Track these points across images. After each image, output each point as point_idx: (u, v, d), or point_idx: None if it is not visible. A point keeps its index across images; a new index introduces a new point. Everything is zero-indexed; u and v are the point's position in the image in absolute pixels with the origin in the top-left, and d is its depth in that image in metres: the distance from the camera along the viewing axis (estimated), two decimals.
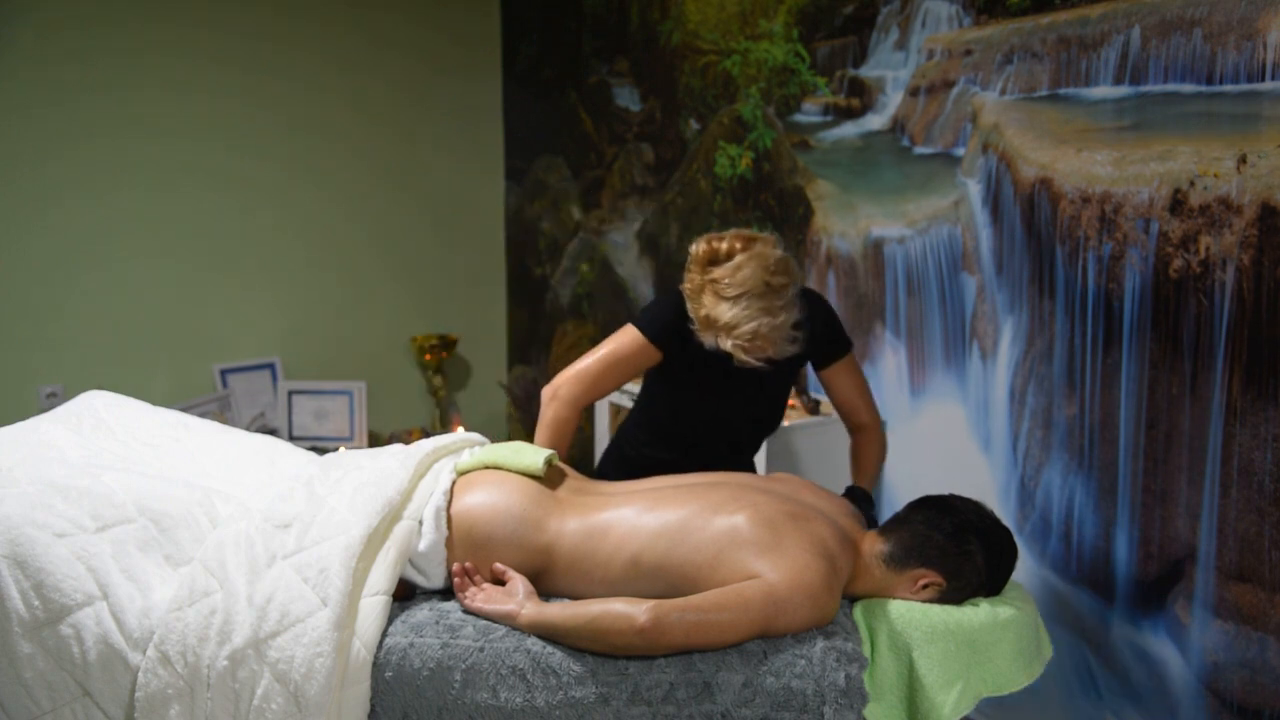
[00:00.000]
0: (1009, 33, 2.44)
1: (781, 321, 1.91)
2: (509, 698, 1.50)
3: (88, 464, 1.68)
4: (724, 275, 1.91)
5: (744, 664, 1.50)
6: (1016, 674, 1.61)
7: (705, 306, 1.93)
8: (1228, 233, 2.04)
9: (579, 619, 1.52)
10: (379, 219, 4.36)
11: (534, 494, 1.74)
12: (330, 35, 4.14)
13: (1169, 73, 2.12)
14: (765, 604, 1.52)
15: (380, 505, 1.64)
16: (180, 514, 1.63)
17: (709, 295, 1.93)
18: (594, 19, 3.94)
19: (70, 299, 3.75)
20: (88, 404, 1.90)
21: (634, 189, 3.82)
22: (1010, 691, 1.63)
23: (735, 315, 1.88)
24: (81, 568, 1.52)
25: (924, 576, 1.64)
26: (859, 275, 2.92)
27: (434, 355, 4.39)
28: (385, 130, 4.32)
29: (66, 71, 3.63)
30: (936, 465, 2.70)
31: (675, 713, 1.47)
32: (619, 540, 1.65)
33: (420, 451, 1.81)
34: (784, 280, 1.94)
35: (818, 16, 2.97)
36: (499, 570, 1.68)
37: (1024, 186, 2.43)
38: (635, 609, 1.48)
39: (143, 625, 1.51)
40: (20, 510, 1.55)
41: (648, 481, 1.85)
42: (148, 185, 3.84)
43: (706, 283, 1.93)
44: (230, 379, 4.07)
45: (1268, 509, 2.00)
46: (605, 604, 1.52)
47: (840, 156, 2.94)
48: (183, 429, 1.92)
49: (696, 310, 1.95)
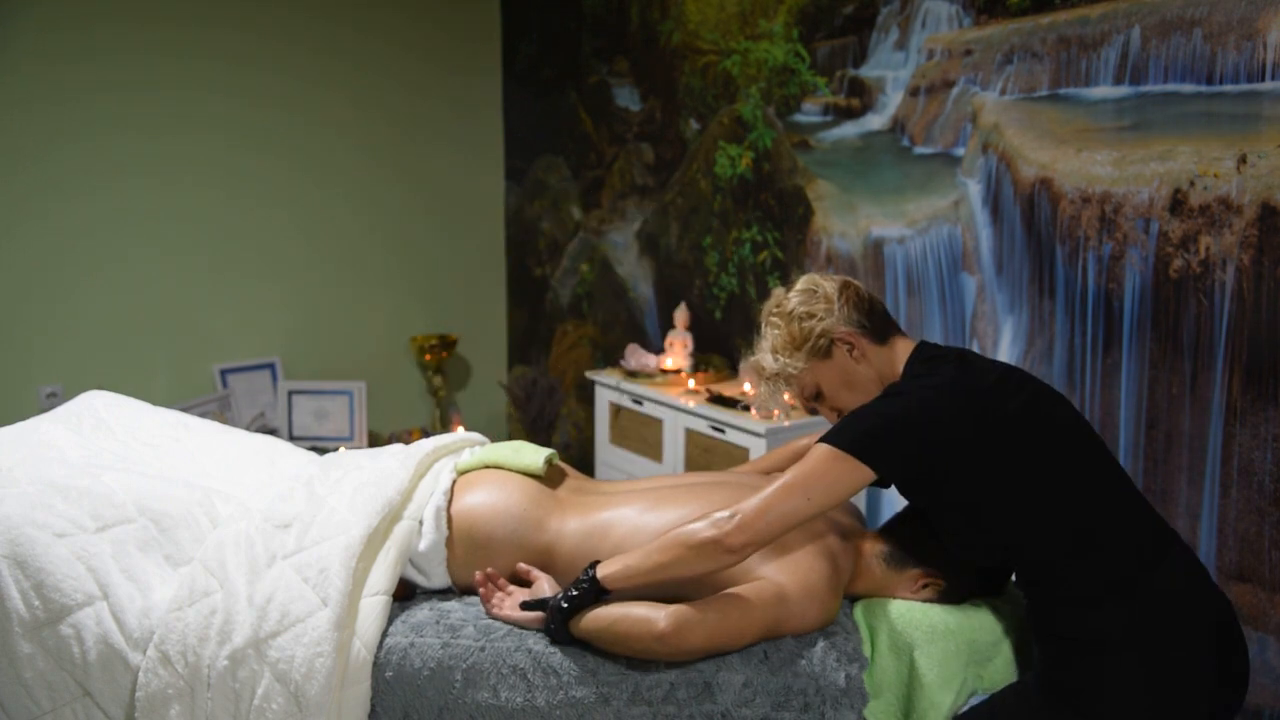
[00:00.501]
0: (1009, 33, 2.44)
1: None
2: (510, 697, 1.51)
3: (88, 464, 1.68)
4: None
5: (744, 664, 1.50)
6: (1016, 673, 1.61)
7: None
8: (1228, 233, 2.04)
9: (600, 622, 1.50)
10: (379, 219, 4.36)
11: (534, 493, 1.74)
12: (329, 35, 4.13)
13: (1169, 73, 2.12)
14: (777, 606, 1.52)
15: (380, 505, 1.64)
16: (180, 514, 1.63)
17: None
18: (594, 19, 3.94)
19: (70, 299, 3.75)
20: (88, 404, 1.91)
21: (634, 189, 3.82)
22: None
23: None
24: (81, 568, 1.52)
25: (924, 576, 1.64)
26: (859, 275, 2.92)
27: (434, 355, 4.39)
28: (385, 130, 4.32)
29: (66, 69, 3.63)
30: None
31: (676, 713, 1.47)
32: (621, 540, 1.65)
33: (420, 451, 1.81)
34: None
35: (818, 16, 2.97)
36: (523, 570, 1.68)
37: (1024, 186, 2.43)
38: (655, 613, 1.47)
39: (143, 625, 1.51)
40: (20, 510, 1.55)
41: (647, 481, 1.85)
42: (147, 185, 3.84)
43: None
44: (230, 379, 4.07)
45: (1268, 509, 2.00)
46: (625, 608, 1.50)
47: (840, 156, 2.94)
48: (183, 429, 1.92)
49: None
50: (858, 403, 1.60)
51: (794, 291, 1.67)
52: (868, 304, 1.65)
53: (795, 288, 1.68)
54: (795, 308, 1.64)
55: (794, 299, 1.65)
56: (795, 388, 1.66)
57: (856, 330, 1.62)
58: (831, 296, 1.63)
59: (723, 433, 2.88)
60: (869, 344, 1.62)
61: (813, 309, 1.62)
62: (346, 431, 4.10)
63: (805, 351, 1.62)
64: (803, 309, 1.63)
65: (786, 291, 1.69)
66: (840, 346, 1.62)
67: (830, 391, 1.64)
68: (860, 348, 1.62)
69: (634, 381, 3.29)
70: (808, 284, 1.67)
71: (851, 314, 1.63)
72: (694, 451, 3.02)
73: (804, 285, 1.67)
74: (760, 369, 1.67)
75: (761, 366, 1.67)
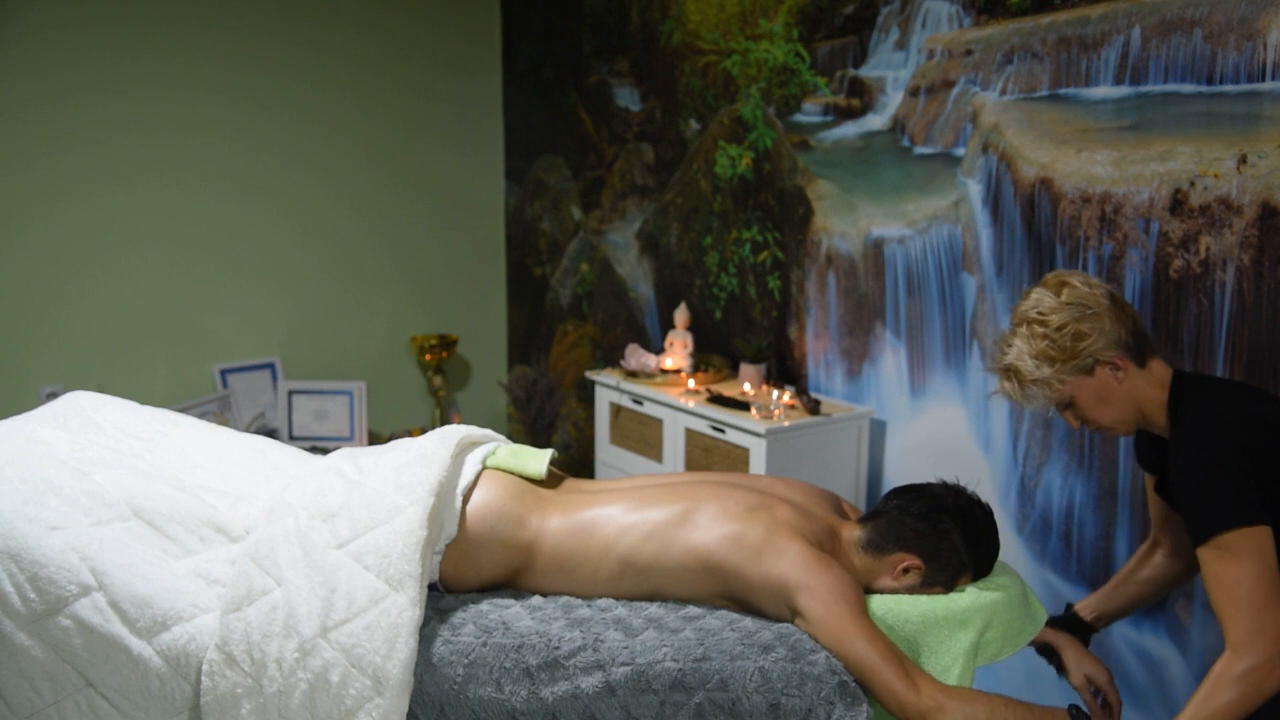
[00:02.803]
0: (1009, 33, 2.44)
1: None
2: (514, 690, 1.50)
3: (79, 460, 1.68)
4: None
5: (756, 652, 1.50)
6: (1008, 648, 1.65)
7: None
8: (1228, 233, 2.04)
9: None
10: (379, 218, 4.36)
11: (515, 490, 1.74)
12: (329, 35, 4.13)
13: (1169, 73, 2.12)
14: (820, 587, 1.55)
15: (432, 485, 1.64)
16: (170, 510, 1.63)
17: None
18: (594, 19, 3.94)
19: (70, 299, 3.75)
20: (73, 403, 1.89)
21: (634, 189, 3.82)
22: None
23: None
24: (75, 558, 1.52)
25: (904, 560, 1.65)
26: (859, 275, 2.92)
27: (434, 355, 4.39)
28: (385, 130, 4.32)
29: (65, 70, 3.63)
30: (936, 465, 2.70)
31: (684, 700, 1.47)
32: (607, 540, 1.66)
33: (456, 435, 1.79)
34: None
35: (818, 16, 2.97)
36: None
37: (1024, 186, 2.44)
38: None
39: (144, 614, 1.51)
40: (12, 506, 1.55)
41: (630, 480, 1.86)
42: (147, 185, 3.84)
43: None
44: (230, 379, 4.07)
45: None
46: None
47: (840, 156, 2.95)
48: (171, 425, 1.92)
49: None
50: (1109, 418, 1.64)
51: (1062, 302, 1.63)
52: (1133, 321, 1.64)
53: (1061, 297, 1.64)
54: (1065, 323, 1.61)
55: (1063, 314, 1.62)
56: (1049, 395, 1.65)
57: (1123, 353, 1.62)
58: (1102, 315, 1.61)
59: (723, 433, 2.89)
60: (1133, 365, 1.63)
61: (1083, 328, 1.60)
62: (346, 431, 4.10)
63: (1070, 368, 1.61)
64: (1074, 327, 1.61)
65: (1051, 295, 1.65)
66: (1104, 367, 1.62)
67: (1084, 404, 1.65)
68: (1125, 369, 1.62)
69: (634, 381, 3.29)
70: (1075, 297, 1.63)
71: (1119, 333, 1.61)
72: (694, 451, 3.03)
73: (1071, 298, 1.63)
74: (1019, 374, 1.65)
75: (1019, 371, 1.65)
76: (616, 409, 3.38)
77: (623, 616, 1.61)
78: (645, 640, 1.53)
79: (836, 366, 3.03)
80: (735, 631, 1.56)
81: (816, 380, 3.10)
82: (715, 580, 1.63)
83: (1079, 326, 1.61)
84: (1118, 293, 1.66)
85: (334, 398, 4.10)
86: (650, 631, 1.56)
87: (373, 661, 1.48)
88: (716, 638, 1.54)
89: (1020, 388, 1.66)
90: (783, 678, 1.47)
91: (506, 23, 4.50)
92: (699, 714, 1.46)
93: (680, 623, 1.59)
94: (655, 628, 1.57)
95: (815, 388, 3.11)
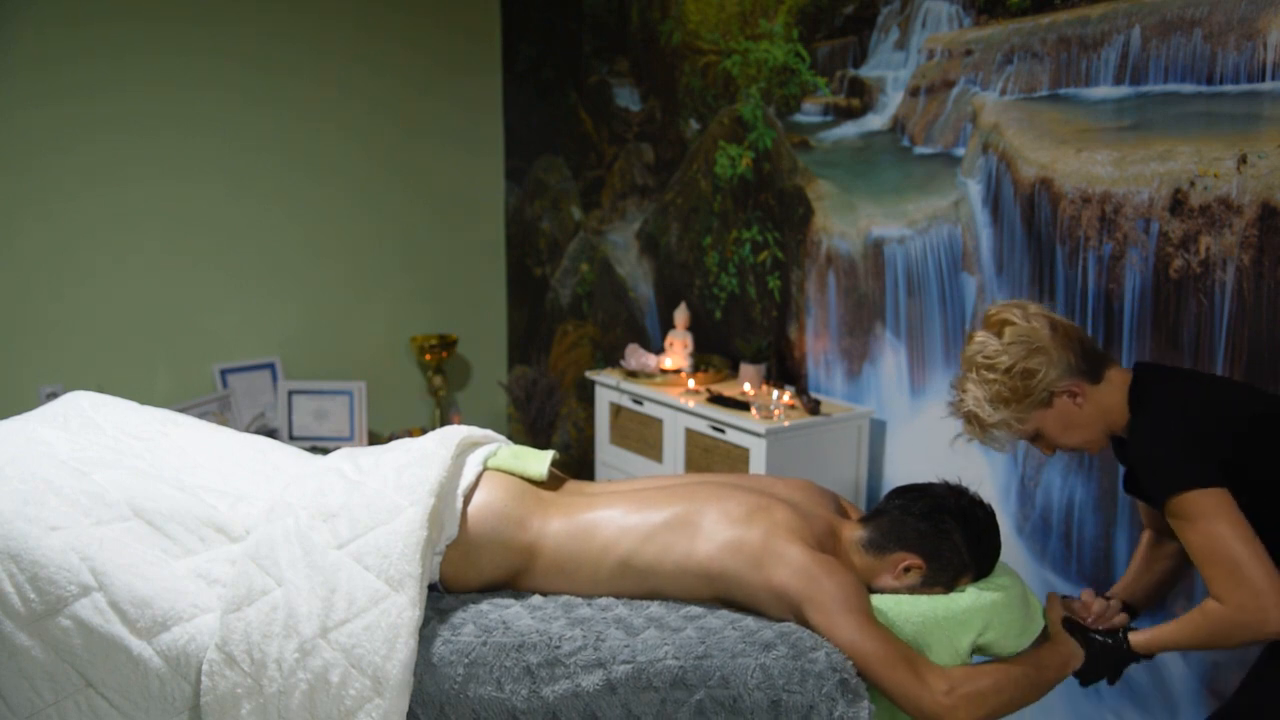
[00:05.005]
0: (1009, 33, 2.44)
1: None
2: (514, 689, 1.50)
3: (79, 460, 1.68)
4: None
5: (758, 649, 1.50)
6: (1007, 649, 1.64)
7: None
8: (1228, 233, 2.04)
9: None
10: (379, 219, 4.36)
11: (517, 491, 1.74)
12: (329, 35, 4.13)
13: (1169, 73, 2.12)
14: (820, 594, 1.55)
15: (432, 486, 1.64)
16: (170, 510, 1.63)
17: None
18: (594, 19, 3.94)
19: (71, 299, 3.75)
20: (73, 403, 1.89)
21: (634, 189, 3.83)
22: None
23: None
24: (75, 558, 1.52)
25: (905, 560, 1.65)
26: (859, 275, 2.92)
27: (434, 355, 4.39)
28: (385, 130, 4.32)
29: (66, 68, 3.63)
30: (936, 465, 2.70)
31: (685, 698, 1.47)
32: (607, 542, 1.66)
33: (457, 435, 1.79)
34: None
35: (818, 16, 2.97)
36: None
37: (1024, 186, 2.44)
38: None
39: (143, 614, 1.51)
40: (12, 506, 1.55)
41: (631, 483, 1.86)
42: (147, 185, 3.84)
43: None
44: (230, 379, 4.07)
45: None
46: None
47: (840, 156, 2.95)
48: (171, 425, 1.92)
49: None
50: (1078, 440, 1.66)
51: (1006, 343, 1.64)
52: (1079, 343, 1.65)
53: (1004, 338, 1.65)
54: (1013, 364, 1.62)
55: (1010, 355, 1.63)
56: (1012, 433, 1.68)
57: (1076, 378, 1.63)
58: (1047, 347, 1.62)
59: (723, 433, 2.89)
60: (1088, 385, 1.64)
61: (1031, 365, 1.62)
62: (346, 431, 4.10)
63: (1027, 405, 1.63)
64: (1021, 365, 1.62)
65: (994, 338, 1.66)
66: (1061, 396, 1.63)
67: (1051, 434, 1.67)
68: (1081, 392, 1.63)
69: (634, 381, 3.29)
70: (1017, 335, 1.64)
71: (1068, 359, 1.62)
72: (694, 452, 3.03)
73: (1013, 336, 1.64)
74: (979, 421, 1.67)
75: (979, 418, 1.67)
76: (616, 409, 3.38)
77: (623, 615, 1.61)
78: (646, 638, 1.53)
79: (836, 366, 3.03)
80: (736, 630, 1.56)
81: (816, 380, 3.10)
82: (715, 586, 1.63)
83: (1027, 364, 1.62)
84: (1057, 316, 1.68)
85: (334, 398, 4.10)
86: (651, 630, 1.56)
87: (373, 662, 1.48)
88: (718, 636, 1.54)
89: (983, 431, 1.68)
90: (784, 675, 1.47)
91: (506, 23, 4.51)
92: (700, 711, 1.46)
93: (681, 621, 1.59)
94: (656, 626, 1.57)
95: (815, 388, 3.11)
